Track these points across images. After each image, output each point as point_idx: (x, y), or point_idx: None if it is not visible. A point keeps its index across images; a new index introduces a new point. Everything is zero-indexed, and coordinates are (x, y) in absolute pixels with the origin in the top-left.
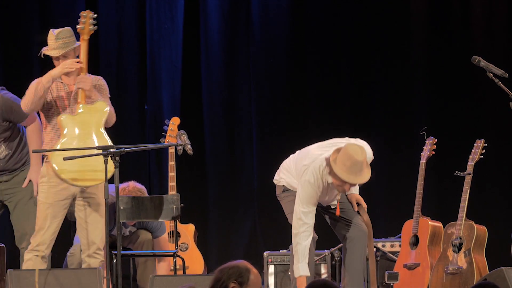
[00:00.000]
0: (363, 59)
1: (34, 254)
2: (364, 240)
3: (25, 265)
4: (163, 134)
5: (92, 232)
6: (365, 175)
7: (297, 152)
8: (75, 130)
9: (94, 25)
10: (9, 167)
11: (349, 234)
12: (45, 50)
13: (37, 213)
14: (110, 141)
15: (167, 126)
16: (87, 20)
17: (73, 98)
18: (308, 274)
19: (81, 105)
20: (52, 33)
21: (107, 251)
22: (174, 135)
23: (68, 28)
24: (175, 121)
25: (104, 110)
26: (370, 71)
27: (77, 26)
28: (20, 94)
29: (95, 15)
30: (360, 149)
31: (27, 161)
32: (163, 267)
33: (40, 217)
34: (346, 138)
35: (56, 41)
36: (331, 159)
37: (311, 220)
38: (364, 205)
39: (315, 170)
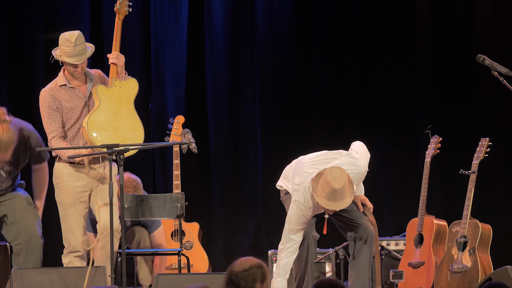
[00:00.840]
0: (367, 57)
1: (73, 256)
2: (370, 241)
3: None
4: (168, 132)
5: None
6: (345, 201)
7: (295, 161)
8: (108, 101)
9: (130, 6)
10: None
11: (356, 235)
12: (60, 57)
13: (61, 215)
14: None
15: (172, 124)
16: (124, 1)
17: (88, 96)
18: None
19: (114, 79)
20: (67, 39)
21: (112, 249)
22: (179, 134)
23: (79, 32)
24: (179, 119)
25: (135, 86)
26: (375, 70)
27: (115, 5)
28: (25, 93)
29: None
30: (340, 174)
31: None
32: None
33: (65, 219)
34: (339, 151)
35: (74, 48)
36: (312, 184)
37: (299, 237)
38: (370, 205)
39: (305, 191)
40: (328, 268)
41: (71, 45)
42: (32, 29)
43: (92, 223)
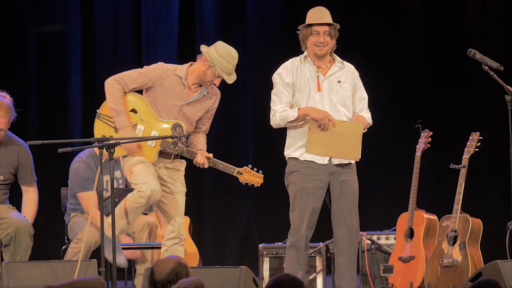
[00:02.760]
0: (359, 51)
1: (173, 243)
2: (355, 240)
3: (167, 254)
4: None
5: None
6: (331, 20)
7: None
8: None
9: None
10: None
11: (339, 233)
12: (214, 66)
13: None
14: None
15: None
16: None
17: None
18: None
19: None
20: (232, 56)
21: (102, 242)
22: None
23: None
24: None
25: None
26: (366, 64)
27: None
28: (16, 88)
29: None
30: (321, 7)
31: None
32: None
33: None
34: None
35: (233, 68)
36: (300, 27)
37: (288, 102)
38: (360, 120)
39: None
40: (319, 263)
41: (233, 63)
42: (23, 23)
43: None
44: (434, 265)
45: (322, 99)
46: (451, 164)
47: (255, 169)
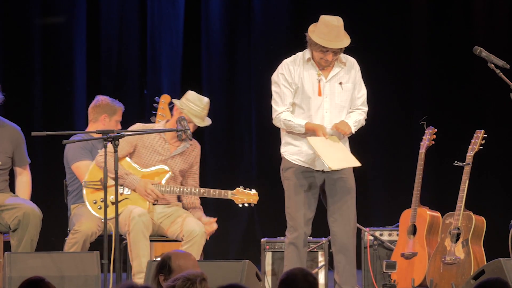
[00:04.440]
0: (363, 47)
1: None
2: (350, 239)
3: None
4: (154, 112)
5: None
6: (344, 41)
7: None
8: None
9: None
10: None
11: (336, 230)
12: (183, 109)
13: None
14: None
15: (157, 104)
16: None
17: None
18: (306, 120)
19: None
20: (199, 99)
21: (105, 234)
22: (164, 114)
23: (208, 100)
24: (165, 98)
25: None
26: (371, 59)
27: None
28: (20, 78)
29: None
30: (336, 18)
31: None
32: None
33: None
34: None
35: (202, 111)
36: (309, 30)
37: (289, 103)
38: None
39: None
40: (321, 258)
41: (201, 106)
42: (29, 14)
43: None
44: (436, 262)
45: (322, 103)
46: (455, 162)
47: (247, 188)
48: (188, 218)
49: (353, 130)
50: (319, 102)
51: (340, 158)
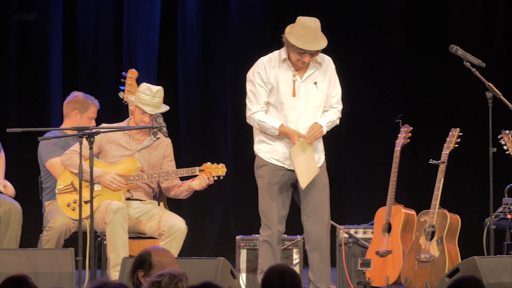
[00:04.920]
0: (340, 44)
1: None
2: (324, 237)
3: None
4: (121, 88)
5: None
6: (321, 43)
7: None
8: None
9: None
10: None
11: (310, 229)
12: (134, 101)
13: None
14: None
15: (125, 79)
16: None
17: None
18: (280, 123)
19: None
20: (149, 88)
21: (80, 230)
22: (133, 90)
23: (162, 88)
24: (132, 74)
25: None
26: (347, 57)
27: None
28: None
29: None
30: (313, 19)
31: None
32: None
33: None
34: None
35: (153, 99)
36: (286, 32)
37: (260, 107)
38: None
39: (271, 54)
40: (296, 255)
41: (150, 94)
42: (4, 9)
43: None
44: (411, 260)
45: (297, 103)
46: (431, 160)
47: (215, 163)
48: (166, 214)
49: (325, 130)
50: (294, 102)
51: (309, 169)
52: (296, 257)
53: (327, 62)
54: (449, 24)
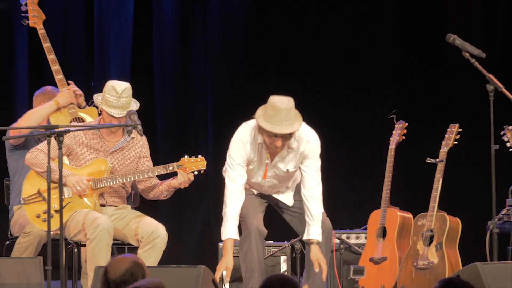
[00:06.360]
0: (329, 35)
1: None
2: (328, 236)
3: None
4: (23, 15)
5: None
6: (294, 125)
7: None
8: None
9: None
10: None
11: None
12: (101, 103)
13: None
14: None
15: (25, 5)
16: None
17: None
18: (236, 237)
19: None
20: (114, 88)
21: (49, 237)
22: (36, 14)
23: (129, 85)
24: None
25: None
26: (336, 48)
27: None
28: None
29: None
30: (287, 99)
31: None
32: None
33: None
34: None
35: (118, 100)
36: (256, 115)
37: (240, 176)
38: (324, 269)
39: (246, 127)
40: (283, 263)
41: (115, 95)
42: None
43: None
44: (408, 267)
45: (264, 184)
46: (428, 158)
47: (193, 156)
48: (145, 219)
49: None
50: (261, 182)
51: None
52: (283, 265)
53: (304, 143)
54: (446, 12)
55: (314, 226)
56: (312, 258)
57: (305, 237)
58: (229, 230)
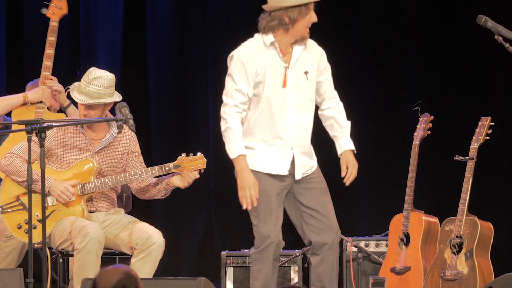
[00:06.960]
0: (344, 17)
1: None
2: (337, 246)
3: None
4: (45, 3)
5: None
6: None
7: None
8: None
9: None
10: None
11: (318, 239)
12: (72, 89)
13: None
14: None
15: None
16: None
17: None
18: (244, 153)
19: None
20: (88, 73)
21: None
22: (60, 7)
23: (111, 77)
24: None
25: None
26: (356, 35)
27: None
28: None
29: None
30: None
31: None
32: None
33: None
34: None
35: (87, 86)
36: (272, 2)
37: (240, 97)
38: (351, 173)
39: (247, 42)
40: (294, 274)
41: (87, 80)
42: None
43: None
44: (434, 278)
45: (285, 98)
46: (456, 156)
47: (191, 154)
48: (140, 224)
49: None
50: (281, 97)
51: None
52: (294, 276)
53: (312, 45)
54: None
55: (344, 137)
56: (341, 162)
57: (338, 152)
58: (238, 147)
